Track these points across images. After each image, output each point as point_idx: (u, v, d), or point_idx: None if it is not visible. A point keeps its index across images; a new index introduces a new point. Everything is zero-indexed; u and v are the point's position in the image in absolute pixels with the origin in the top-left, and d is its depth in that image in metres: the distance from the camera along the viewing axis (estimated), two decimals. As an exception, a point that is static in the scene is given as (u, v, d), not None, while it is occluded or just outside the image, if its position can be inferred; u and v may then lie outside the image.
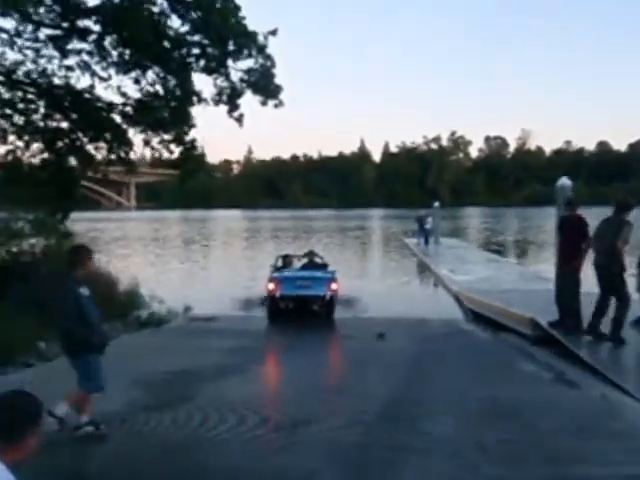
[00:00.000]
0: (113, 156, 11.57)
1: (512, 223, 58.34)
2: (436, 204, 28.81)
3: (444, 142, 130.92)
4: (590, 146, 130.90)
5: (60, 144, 11.62)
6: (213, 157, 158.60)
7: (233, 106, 11.14)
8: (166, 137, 11.28)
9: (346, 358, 7.40)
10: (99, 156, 11.77)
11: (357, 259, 27.33)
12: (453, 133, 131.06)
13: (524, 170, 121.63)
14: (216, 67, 10.53)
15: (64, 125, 11.48)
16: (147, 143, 11.37)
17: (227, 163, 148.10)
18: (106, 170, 12.50)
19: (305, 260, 14.03)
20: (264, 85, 10.73)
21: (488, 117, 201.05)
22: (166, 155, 11.56)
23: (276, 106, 11.19)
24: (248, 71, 10.80)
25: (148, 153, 11.85)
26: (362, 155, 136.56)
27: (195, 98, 10.93)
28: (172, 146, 11.36)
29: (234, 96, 10.99)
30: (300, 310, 11.59)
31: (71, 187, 11.98)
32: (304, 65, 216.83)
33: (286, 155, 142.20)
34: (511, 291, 13.83)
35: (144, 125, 11.07)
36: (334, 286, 11.71)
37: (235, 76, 10.88)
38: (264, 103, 11.14)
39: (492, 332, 9.89)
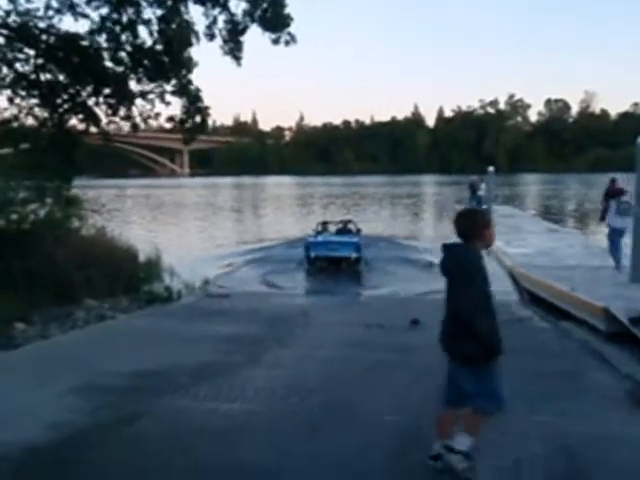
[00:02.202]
0: (114, 112, 10.19)
1: (574, 190, 54.82)
2: (490, 169, 26.50)
3: (502, 106, 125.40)
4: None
5: (59, 100, 10.35)
6: (265, 124, 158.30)
7: (235, 44, 9.51)
8: (168, 88, 9.85)
9: (364, 359, 5.83)
10: (101, 113, 10.41)
11: (403, 228, 25.58)
12: (511, 96, 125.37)
13: (587, 134, 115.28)
14: (211, -5, 8.89)
15: (61, 78, 10.17)
16: (143, 95, 9.93)
17: (279, 130, 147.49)
18: (109, 130, 10.99)
19: (340, 226, 16.80)
20: (272, 17, 9.02)
21: (549, 79, 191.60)
22: (168, 111, 10.11)
23: (287, 43, 9.48)
24: (253, 1, 9.10)
25: (147, 107, 10.30)
26: (415, 120, 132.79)
27: (193, 36, 9.36)
28: (173, 98, 9.89)
29: (235, 32, 9.35)
30: (332, 266, 14.11)
31: (72, 150, 10.70)
32: (355, 28, 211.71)
33: (338, 121, 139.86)
34: (575, 268, 11.91)
35: (141, 73, 9.64)
36: (358, 249, 14.39)
37: (236, 7, 9.26)
38: (276, 41, 9.43)
39: (553, 321, 8.10)
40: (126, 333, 7.45)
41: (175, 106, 10.20)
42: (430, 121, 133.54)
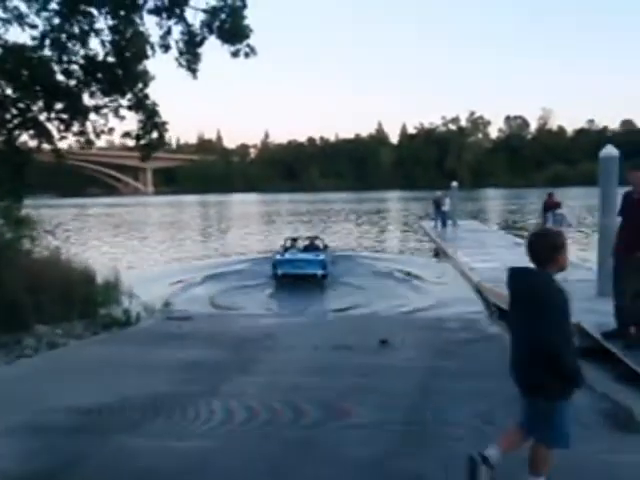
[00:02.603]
0: (67, 127, 9.72)
1: (535, 205, 55.74)
2: (454, 184, 26.69)
3: (463, 123, 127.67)
4: (614, 125, 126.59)
5: (7, 116, 9.84)
6: (230, 142, 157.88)
7: (192, 56, 9.20)
8: (123, 102, 9.45)
9: (331, 386, 5.50)
10: (53, 129, 9.93)
11: (368, 244, 25.42)
12: (472, 113, 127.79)
13: (545, 150, 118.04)
14: (169, 5, 8.57)
15: (9, 92, 9.67)
16: (97, 110, 9.50)
17: (244, 147, 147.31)
18: (64, 147, 10.51)
19: (307, 242, 17.16)
20: (230, 28, 8.73)
21: (508, 97, 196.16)
22: (124, 127, 9.69)
23: (247, 55, 9.20)
24: (212, 12, 8.81)
25: (101, 122, 9.87)
26: (379, 137, 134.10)
27: (148, 47, 9.01)
28: (127, 112, 9.50)
29: (192, 43, 9.04)
30: (299, 281, 14.28)
31: (23, 168, 10.17)
32: (319, 46, 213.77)
33: (303, 138, 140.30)
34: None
35: (95, 87, 9.22)
36: (324, 267, 14.75)
37: (194, 18, 8.95)
38: (235, 54, 9.15)
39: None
40: (77, 362, 6.96)
41: (131, 122, 9.82)
42: (394, 138, 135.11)
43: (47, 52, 9.29)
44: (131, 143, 10.90)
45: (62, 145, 10.55)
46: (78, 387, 5.58)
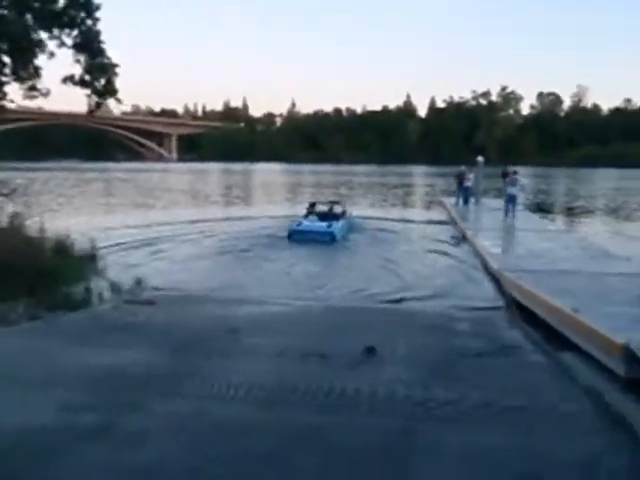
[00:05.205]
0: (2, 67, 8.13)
1: (564, 185, 53.15)
2: (480, 159, 24.58)
3: (494, 97, 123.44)
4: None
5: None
6: (256, 110, 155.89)
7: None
8: (67, 40, 7.81)
9: (278, 427, 3.91)
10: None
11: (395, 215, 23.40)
12: (504, 88, 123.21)
13: (578, 129, 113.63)
14: None
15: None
16: (40, 44, 7.88)
17: (270, 116, 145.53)
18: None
19: (327, 208, 18.38)
20: None
21: (542, 72, 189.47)
22: (67, 69, 8.03)
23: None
24: None
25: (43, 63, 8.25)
26: (407, 110, 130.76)
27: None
28: (70, 51, 7.88)
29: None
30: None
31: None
32: (349, 16, 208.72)
33: (329, 108, 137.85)
34: (574, 273, 10.07)
35: (31, 19, 7.58)
36: (333, 238, 15.65)
37: None
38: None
39: (550, 352, 6.19)
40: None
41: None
42: (422, 111, 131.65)
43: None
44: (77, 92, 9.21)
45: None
46: None
